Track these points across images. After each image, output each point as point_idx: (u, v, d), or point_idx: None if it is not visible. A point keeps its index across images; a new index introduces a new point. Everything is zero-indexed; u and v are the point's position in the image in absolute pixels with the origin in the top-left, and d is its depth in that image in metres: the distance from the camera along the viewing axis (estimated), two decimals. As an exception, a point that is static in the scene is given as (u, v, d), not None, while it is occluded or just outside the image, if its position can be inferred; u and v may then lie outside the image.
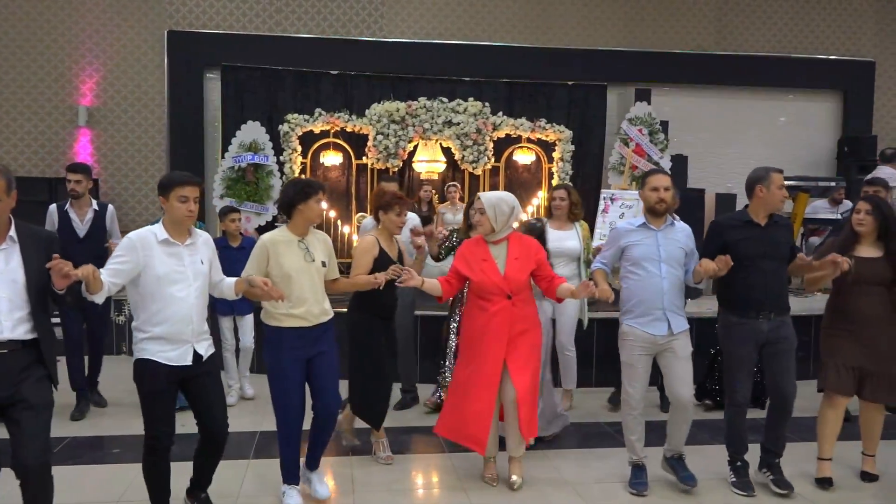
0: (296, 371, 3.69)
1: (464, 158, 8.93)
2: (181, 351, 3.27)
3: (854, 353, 4.01)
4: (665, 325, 3.85)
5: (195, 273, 3.34)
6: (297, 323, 3.68)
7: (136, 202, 9.58)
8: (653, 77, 10.12)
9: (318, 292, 3.75)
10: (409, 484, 4.26)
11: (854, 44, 10.77)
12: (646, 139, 9.44)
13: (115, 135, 9.55)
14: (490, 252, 4.01)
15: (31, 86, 9.35)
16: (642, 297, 3.86)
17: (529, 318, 4.04)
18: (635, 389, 3.93)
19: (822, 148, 10.83)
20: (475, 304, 4.03)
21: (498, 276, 3.94)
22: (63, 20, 9.39)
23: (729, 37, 10.55)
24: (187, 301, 3.27)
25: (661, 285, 3.83)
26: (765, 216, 3.97)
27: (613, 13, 10.29)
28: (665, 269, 3.86)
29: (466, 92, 9.29)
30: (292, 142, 8.85)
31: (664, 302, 3.84)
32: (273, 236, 3.75)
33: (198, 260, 3.37)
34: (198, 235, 3.45)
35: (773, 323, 3.91)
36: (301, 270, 3.68)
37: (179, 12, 9.59)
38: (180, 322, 3.25)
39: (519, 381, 3.93)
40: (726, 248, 3.88)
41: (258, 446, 4.71)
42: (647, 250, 3.88)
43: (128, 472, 4.12)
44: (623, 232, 4.00)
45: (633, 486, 4.04)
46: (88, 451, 4.64)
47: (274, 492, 3.94)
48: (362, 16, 9.87)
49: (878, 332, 4.00)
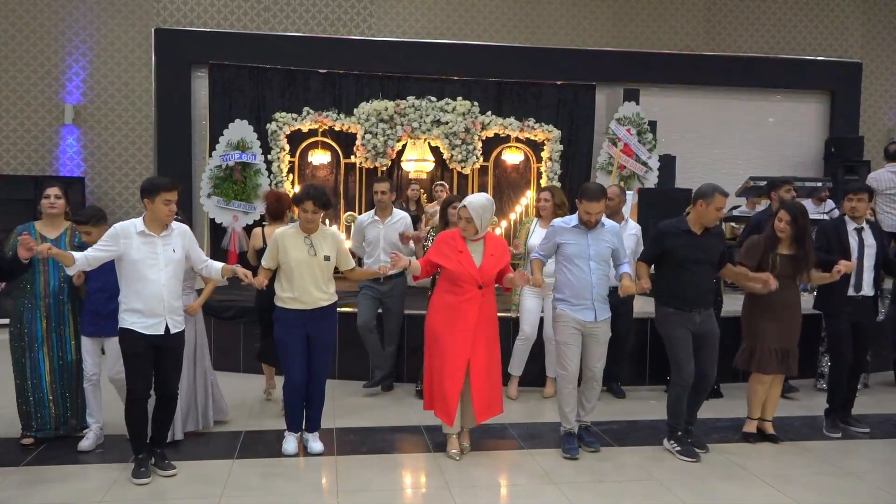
0: (297, 343, 4.38)
1: (452, 158, 8.93)
2: (154, 322, 3.95)
3: (777, 336, 4.68)
4: (592, 313, 4.43)
5: (167, 260, 4.00)
6: (297, 305, 4.37)
7: (123, 200, 9.53)
8: (641, 77, 10.16)
9: (320, 280, 4.39)
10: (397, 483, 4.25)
11: (841, 45, 10.84)
12: (634, 139, 9.47)
13: (102, 133, 9.49)
14: (467, 246, 4.41)
15: (16, 83, 9.28)
16: (574, 288, 4.42)
17: (491, 307, 4.49)
18: (572, 365, 4.45)
19: (809, 148, 10.89)
20: (447, 289, 4.42)
21: (473, 268, 4.36)
22: (50, 17, 9.32)
23: (717, 37, 10.59)
24: (159, 282, 3.95)
25: (589, 280, 4.41)
26: (700, 227, 4.48)
27: (602, 13, 10.32)
28: (594, 266, 4.42)
29: (455, 91, 9.29)
30: (280, 140, 8.82)
31: (592, 294, 4.41)
32: (285, 231, 4.43)
33: (170, 249, 4.02)
34: (173, 228, 4.07)
35: (702, 316, 4.50)
36: (303, 262, 4.33)
37: (167, 10, 9.54)
38: (153, 299, 3.93)
39: (477, 364, 4.37)
40: (666, 251, 4.50)
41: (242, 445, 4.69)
42: (579, 249, 4.43)
43: (120, 471, 4.11)
44: (559, 230, 4.52)
45: (567, 451, 4.48)
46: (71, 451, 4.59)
47: (259, 487, 3.93)
48: (351, 14, 9.85)
49: (792, 315, 4.74)
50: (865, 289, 4.97)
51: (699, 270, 4.46)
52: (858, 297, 4.96)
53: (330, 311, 4.50)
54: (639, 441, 4.85)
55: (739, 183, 8.58)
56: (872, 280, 4.98)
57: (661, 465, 4.40)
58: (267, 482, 4.08)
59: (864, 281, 4.96)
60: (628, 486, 4.09)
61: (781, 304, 4.67)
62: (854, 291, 4.95)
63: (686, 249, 4.44)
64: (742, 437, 4.85)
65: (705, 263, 4.50)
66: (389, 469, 4.37)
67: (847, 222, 5.03)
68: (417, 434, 4.94)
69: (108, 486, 3.96)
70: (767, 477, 4.22)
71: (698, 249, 4.46)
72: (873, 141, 10.71)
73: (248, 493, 3.95)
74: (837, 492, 4.06)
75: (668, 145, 10.01)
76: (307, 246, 4.37)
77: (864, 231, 5.01)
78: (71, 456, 4.38)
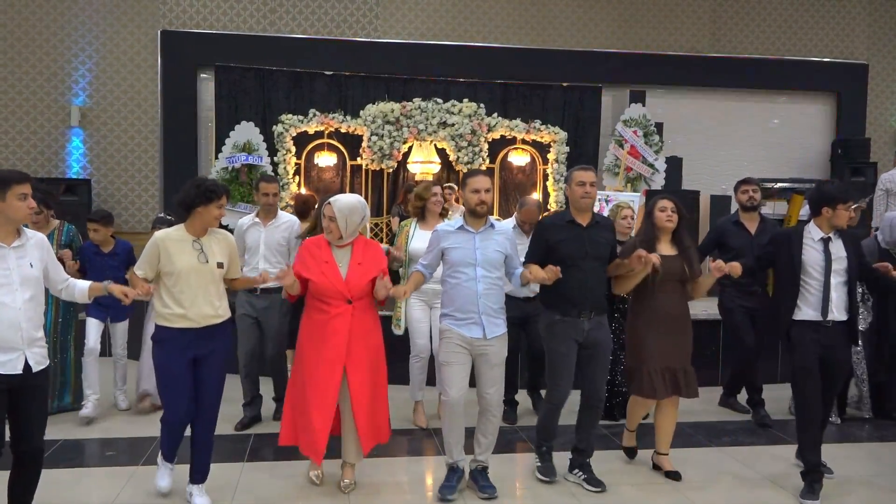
0: (181, 369, 3.62)
1: (458, 160, 8.92)
2: (11, 358, 3.05)
3: (664, 354, 4.06)
4: (480, 329, 3.82)
5: (23, 278, 3.11)
6: (184, 324, 3.61)
7: (129, 203, 9.53)
8: (647, 79, 10.14)
9: (211, 293, 3.68)
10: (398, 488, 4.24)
11: (847, 46, 10.81)
12: (640, 141, 9.45)
13: (108, 135, 9.49)
14: (333, 255, 3.89)
15: (23, 85, 9.29)
16: (459, 302, 3.84)
17: (368, 323, 3.93)
18: (455, 389, 3.86)
19: (815, 150, 10.86)
20: (314, 307, 3.89)
21: (339, 280, 3.82)
22: (56, 19, 9.33)
23: (723, 39, 10.57)
24: (13, 307, 3.05)
25: (475, 289, 3.81)
26: (582, 216, 4.02)
27: (608, 15, 10.30)
28: (480, 272, 3.83)
29: (461, 93, 9.28)
30: (286, 142, 8.82)
31: (479, 306, 3.81)
32: (167, 234, 3.69)
33: (26, 263, 3.14)
34: (28, 237, 3.20)
35: (592, 322, 3.97)
36: (192, 271, 3.62)
37: (173, 12, 9.54)
38: (7, 328, 3.03)
39: (356, 389, 3.83)
40: (550, 248, 3.97)
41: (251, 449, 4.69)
42: (464, 254, 3.85)
43: (122, 475, 4.10)
44: (442, 234, 3.95)
45: (440, 491, 3.93)
46: (81, 454, 4.60)
47: (269, 492, 3.93)
48: (357, 16, 9.85)
49: (681, 329, 4.13)
50: (835, 313, 3.97)
51: (587, 267, 3.93)
52: (828, 323, 3.97)
53: (222, 330, 3.75)
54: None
55: (746, 185, 8.55)
56: (844, 302, 4.01)
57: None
58: (276, 486, 4.07)
59: (833, 303, 3.96)
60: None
61: (667, 317, 4.08)
62: (820, 317, 3.96)
63: (571, 244, 3.94)
64: (624, 451, 4.50)
65: (595, 259, 3.97)
66: (400, 471, 4.37)
67: (809, 231, 4.09)
68: (428, 437, 4.94)
69: (122, 486, 3.96)
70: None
71: (585, 243, 3.95)
72: (880, 143, 10.69)
73: (257, 496, 3.94)
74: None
75: (674, 147, 10.00)
76: (196, 251, 3.65)
77: (832, 242, 4.03)
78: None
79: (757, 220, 5.47)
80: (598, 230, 4.03)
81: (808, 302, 4.00)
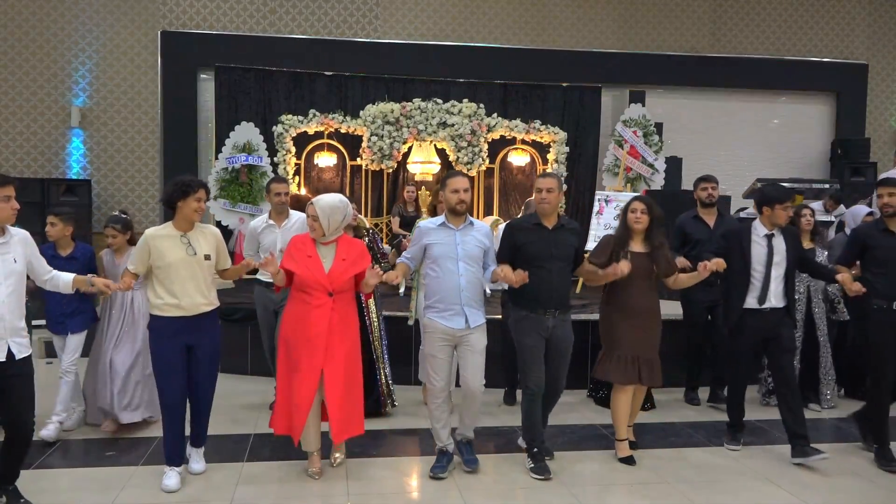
0: (176, 355, 3.91)
1: (458, 160, 8.93)
2: None
3: (632, 344, 4.36)
4: (463, 319, 4.08)
5: (6, 272, 3.39)
6: (176, 312, 3.88)
7: (130, 203, 9.54)
8: (647, 79, 10.15)
9: (201, 284, 3.95)
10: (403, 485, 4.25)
11: (847, 46, 10.82)
12: (640, 141, 9.46)
13: (108, 135, 9.51)
14: (317, 250, 4.08)
15: (23, 86, 9.30)
16: (441, 294, 4.09)
17: (348, 317, 4.12)
18: (439, 379, 4.15)
19: (815, 150, 10.87)
20: (297, 298, 4.07)
21: (321, 274, 4.00)
22: (56, 20, 9.34)
23: (723, 39, 10.58)
24: None
25: (458, 282, 4.07)
26: (547, 219, 4.26)
27: (608, 15, 10.31)
28: (462, 266, 4.09)
29: (461, 93, 9.29)
30: (286, 143, 8.83)
31: (462, 298, 4.07)
32: (156, 232, 3.96)
33: (10, 259, 3.42)
34: (13, 234, 3.48)
35: (556, 320, 4.23)
36: (181, 263, 3.89)
37: (173, 13, 9.56)
38: None
39: (332, 381, 3.99)
40: (517, 248, 4.23)
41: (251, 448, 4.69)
42: (446, 249, 4.11)
43: (122, 475, 4.11)
44: (425, 230, 4.20)
45: (432, 471, 4.21)
46: (81, 454, 4.60)
47: (269, 491, 3.93)
48: (356, 17, 9.86)
49: (648, 322, 4.42)
50: (773, 300, 4.50)
51: (552, 268, 4.18)
52: (766, 309, 4.50)
53: (212, 318, 4.04)
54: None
55: (745, 185, 8.56)
56: (782, 291, 4.54)
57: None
58: (277, 485, 4.08)
59: (771, 292, 4.49)
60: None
61: (637, 310, 4.36)
62: (757, 304, 4.49)
63: (538, 245, 4.19)
64: (620, 461, 4.51)
65: (560, 259, 4.21)
66: (400, 472, 4.37)
67: (755, 228, 4.58)
68: (428, 437, 4.94)
69: (122, 486, 3.96)
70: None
71: (551, 245, 4.20)
72: (879, 143, 10.71)
73: (258, 496, 3.95)
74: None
75: (673, 147, 10.01)
76: (185, 245, 3.92)
77: (776, 238, 4.53)
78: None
79: (715, 214, 5.85)
80: (563, 233, 4.29)
81: (750, 292, 4.52)
